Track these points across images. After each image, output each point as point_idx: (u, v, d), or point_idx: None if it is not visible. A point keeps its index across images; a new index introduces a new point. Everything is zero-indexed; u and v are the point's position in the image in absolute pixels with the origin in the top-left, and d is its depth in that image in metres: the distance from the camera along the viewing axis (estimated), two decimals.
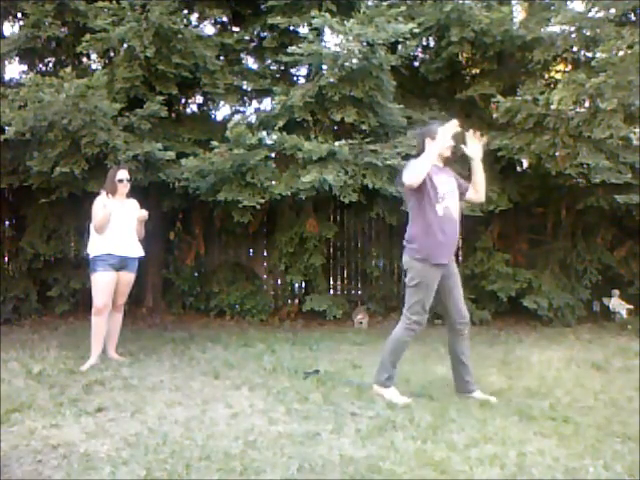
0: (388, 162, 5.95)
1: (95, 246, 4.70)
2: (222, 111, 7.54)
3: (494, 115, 6.94)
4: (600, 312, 7.41)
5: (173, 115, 7.02)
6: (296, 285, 7.71)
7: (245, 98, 7.28)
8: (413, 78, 7.38)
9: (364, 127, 6.21)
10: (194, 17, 7.01)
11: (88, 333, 4.77)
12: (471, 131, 3.91)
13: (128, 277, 4.83)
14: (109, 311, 4.74)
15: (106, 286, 4.66)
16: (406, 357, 5.14)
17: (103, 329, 4.69)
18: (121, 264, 4.73)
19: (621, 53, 5.86)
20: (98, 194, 4.91)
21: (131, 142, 5.78)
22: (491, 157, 6.74)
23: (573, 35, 6.48)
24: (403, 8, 6.01)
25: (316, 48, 5.82)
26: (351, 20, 5.78)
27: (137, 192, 5.19)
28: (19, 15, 6.74)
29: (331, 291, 7.88)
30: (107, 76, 5.74)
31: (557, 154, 6.35)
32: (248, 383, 4.14)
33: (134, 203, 4.95)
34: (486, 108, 7.47)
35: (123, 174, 4.85)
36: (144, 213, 4.82)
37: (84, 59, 6.95)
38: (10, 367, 4.50)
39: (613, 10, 6.25)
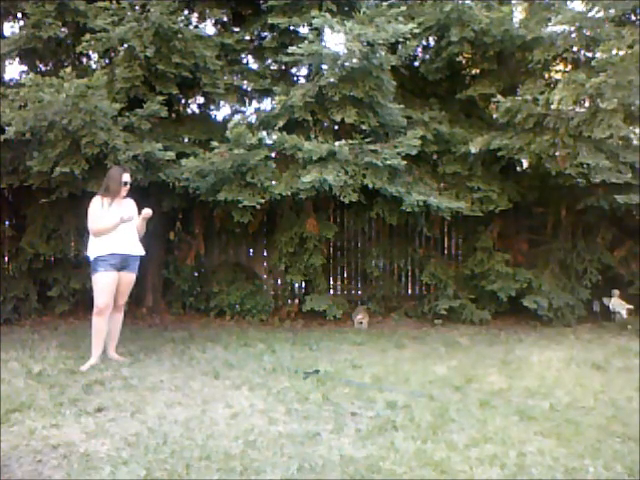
0: (388, 162, 5.95)
1: (96, 247, 4.70)
2: (222, 111, 7.54)
3: (494, 115, 6.96)
4: (600, 312, 7.41)
5: (173, 115, 7.01)
6: (296, 285, 7.70)
7: (245, 98, 7.27)
8: (413, 78, 7.37)
9: (364, 127, 6.21)
10: (194, 17, 7.00)
11: (88, 333, 4.77)
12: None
13: (129, 277, 4.82)
14: (110, 311, 4.74)
15: (107, 286, 4.66)
16: (406, 357, 5.17)
17: (104, 329, 4.68)
18: (122, 263, 4.72)
19: (621, 53, 5.86)
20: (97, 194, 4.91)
21: (131, 142, 5.77)
22: (491, 157, 6.76)
23: (573, 35, 6.48)
24: (403, 8, 6.00)
25: (316, 48, 5.82)
26: (351, 20, 5.78)
27: (137, 192, 5.19)
28: (19, 15, 6.72)
29: (331, 291, 7.88)
30: (107, 76, 5.74)
31: (557, 154, 6.35)
32: (248, 383, 4.14)
33: (131, 202, 4.95)
34: (486, 108, 7.48)
35: (128, 177, 4.87)
36: (149, 211, 4.81)
37: (84, 59, 6.94)
38: (10, 367, 4.50)
39: (613, 10, 6.25)
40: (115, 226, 4.67)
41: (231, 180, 6.06)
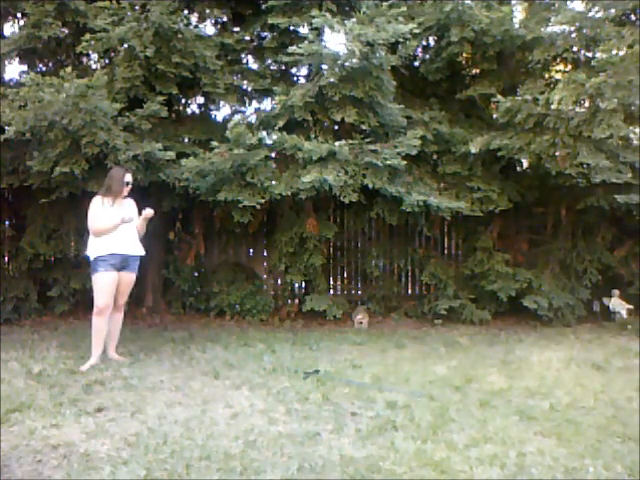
0: (388, 162, 5.95)
1: (96, 247, 4.70)
2: (222, 111, 7.54)
3: (494, 115, 6.96)
4: (600, 312, 7.41)
5: (173, 115, 7.01)
6: (296, 285, 7.70)
7: (245, 98, 7.27)
8: (413, 78, 7.38)
9: (364, 127, 6.21)
10: (194, 17, 7.00)
11: (88, 333, 4.77)
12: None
13: (129, 277, 4.82)
14: (110, 311, 4.74)
15: (107, 286, 4.66)
16: (406, 357, 5.18)
17: (104, 329, 4.68)
18: (122, 263, 4.72)
19: (621, 53, 5.86)
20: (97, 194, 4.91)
21: (131, 142, 5.77)
22: (491, 157, 6.76)
23: (573, 35, 6.48)
24: (403, 8, 6.00)
25: (316, 48, 5.82)
26: (351, 20, 5.78)
27: (137, 192, 5.19)
28: (19, 15, 6.73)
29: (331, 291, 7.88)
30: (107, 76, 5.73)
31: (557, 154, 6.35)
32: (248, 383, 4.14)
33: (132, 202, 4.95)
34: (486, 108, 7.48)
35: (130, 177, 4.89)
36: (150, 211, 4.81)
37: (84, 59, 6.94)
38: (10, 367, 4.50)
39: (613, 10, 6.25)
40: (116, 226, 4.67)
41: (231, 180, 6.06)
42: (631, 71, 5.63)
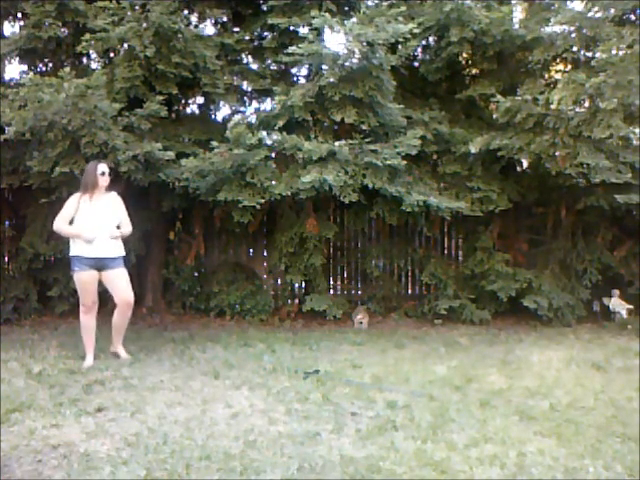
0: (388, 162, 5.95)
1: (73, 245, 4.65)
2: (222, 111, 7.55)
3: (494, 115, 6.95)
4: (600, 312, 7.41)
5: (173, 115, 7.02)
6: (296, 285, 7.69)
7: (245, 98, 7.28)
8: (413, 78, 7.37)
9: (364, 127, 6.20)
10: (194, 17, 7.01)
11: None
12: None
13: (113, 273, 4.66)
14: (96, 308, 4.72)
15: (87, 285, 4.62)
16: (406, 357, 5.18)
17: (92, 326, 4.69)
18: (98, 264, 4.60)
19: (621, 53, 5.87)
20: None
21: (131, 142, 5.77)
22: (491, 157, 6.76)
23: (573, 35, 6.48)
24: (403, 8, 6.00)
25: (316, 48, 5.82)
26: (351, 20, 5.78)
27: (137, 192, 5.18)
28: (19, 15, 6.73)
29: (331, 291, 7.87)
30: (107, 76, 5.74)
31: (557, 154, 6.35)
32: (248, 383, 4.14)
33: (113, 196, 4.82)
34: (486, 108, 7.48)
35: (105, 167, 4.78)
36: (116, 233, 4.67)
37: (84, 59, 6.94)
38: (10, 367, 4.50)
39: (613, 10, 6.25)
40: (73, 236, 4.60)
41: (231, 180, 6.06)
42: (631, 71, 5.63)
